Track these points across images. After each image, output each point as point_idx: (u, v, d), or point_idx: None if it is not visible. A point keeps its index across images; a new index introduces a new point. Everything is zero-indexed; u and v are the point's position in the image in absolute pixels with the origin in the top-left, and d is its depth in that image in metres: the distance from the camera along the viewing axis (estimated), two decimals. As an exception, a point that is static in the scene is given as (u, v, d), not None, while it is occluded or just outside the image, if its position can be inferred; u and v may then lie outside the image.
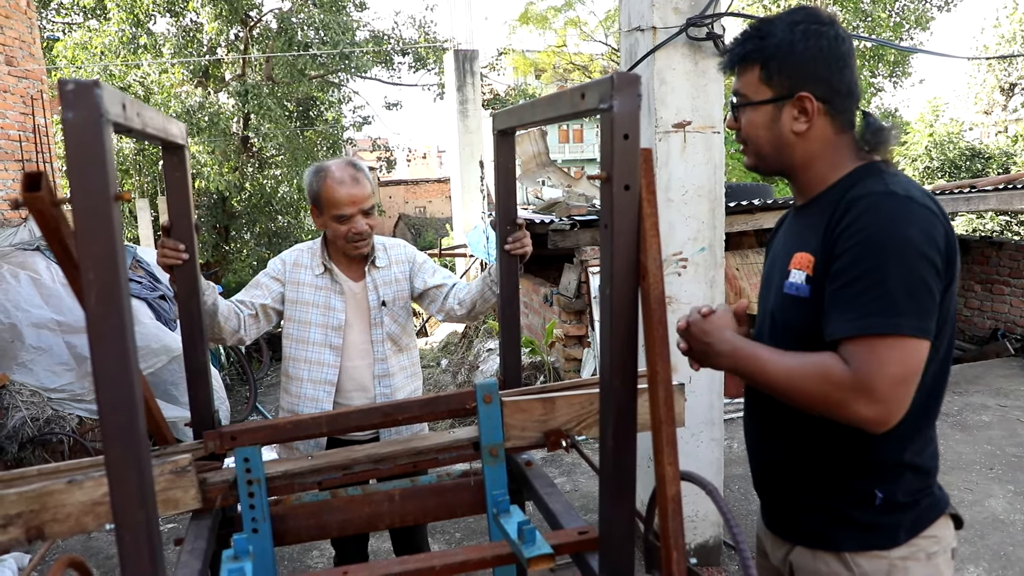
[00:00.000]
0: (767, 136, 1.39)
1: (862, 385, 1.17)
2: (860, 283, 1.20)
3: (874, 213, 1.22)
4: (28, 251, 5.37)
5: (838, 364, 1.20)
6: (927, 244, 1.20)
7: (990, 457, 4.59)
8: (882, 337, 1.18)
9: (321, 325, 2.37)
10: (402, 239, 2.60)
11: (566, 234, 5.93)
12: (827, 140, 1.37)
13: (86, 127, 0.98)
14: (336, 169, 2.28)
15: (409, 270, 2.50)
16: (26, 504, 1.55)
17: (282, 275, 2.41)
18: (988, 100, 17.76)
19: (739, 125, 1.43)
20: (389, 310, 2.42)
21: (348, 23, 13.32)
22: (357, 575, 1.41)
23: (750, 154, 1.44)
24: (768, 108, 1.37)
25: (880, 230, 1.20)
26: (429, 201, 31.04)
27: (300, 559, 3.64)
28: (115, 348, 1.02)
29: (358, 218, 2.28)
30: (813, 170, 1.39)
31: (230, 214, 13.63)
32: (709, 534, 3.35)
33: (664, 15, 2.89)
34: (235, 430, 1.83)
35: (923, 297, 1.19)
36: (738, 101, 1.41)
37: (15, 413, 4.66)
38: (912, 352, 1.18)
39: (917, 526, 1.34)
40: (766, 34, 1.36)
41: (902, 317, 1.17)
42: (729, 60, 1.43)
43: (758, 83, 1.37)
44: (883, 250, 1.19)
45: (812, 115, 1.34)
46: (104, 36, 12.10)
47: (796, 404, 1.26)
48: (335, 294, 2.38)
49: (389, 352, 2.43)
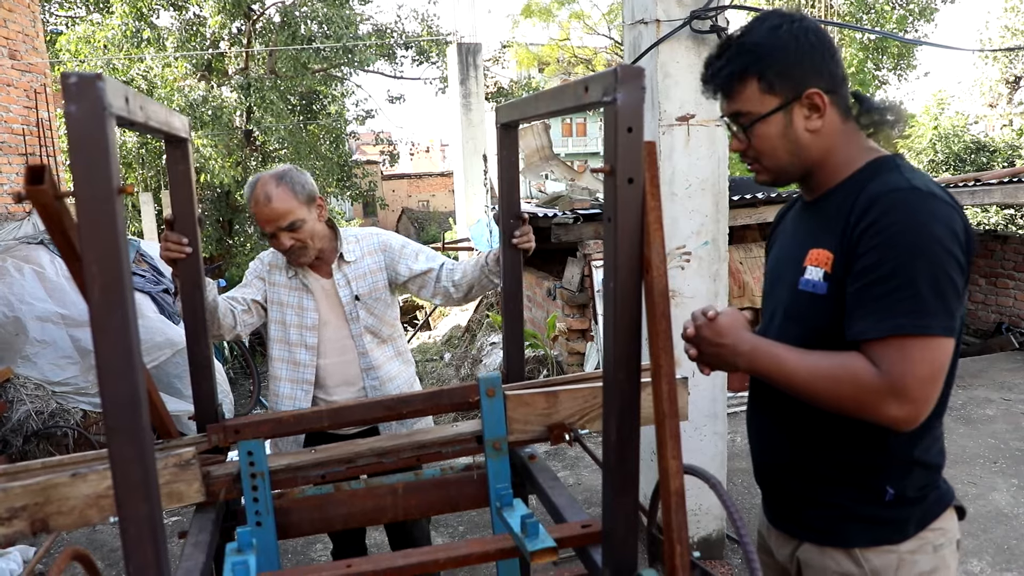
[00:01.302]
0: (783, 145, 1.35)
1: (894, 387, 1.17)
2: (888, 282, 1.19)
3: (900, 210, 1.20)
4: (32, 245, 5.38)
5: (867, 366, 1.19)
6: (952, 240, 1.19)
7: (994, 451, 4.58)
8: (912, 338, 1.17)
9: (296, 325, 2.38)
10: (378, 228, 2.58)
11: (569, 228, 5.92)
12: (839, 130, 1.35)
13: (89, 120, 0.98)
14: (258, 186, 2.24)
15: (384, 259, 2.46)
16: (31, 497, 1.56)
17: (263, 274, 2.43)
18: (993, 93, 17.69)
19: (746, 145, 1.39)
20: (364, 304, 2.41)
21: (351, 17, 13.29)
22: (361, 568, 1.42)
23: (766, 170, 1.40)
24: (778, 117, 1.33)
25: (907, 227, 1.19)
26: (432, 195, 31.04)
27: (304, 552, 3.65)
28: (118, 341, 1.02)
29: (281, 235, 2.25)
30: (828, 164, 1.36)
31: (234, 208, 13.62)
32: (712, 528, 3.36)
33: (668, 8, 2.88)
34: (239, 423, 1.83)
35: (950, 295, 1.19)
36: (744, 121, 1.36)
37: (19, 406, 4.68)
38: (941, 351, 1.18)
39: (925, 519, 1.35)
40: (752, 45, 1.32)
41: (932, 317, 1.17)
42: (719, 83, 1.37)
43: (760, 95, 1.33)
44: (910, 248, 1.18)
45: (824, 109, 1.32)
46: (107, 30, 12.08)
47: (820, 404, 1.25)
48: (306, 294, 2.38)
49: (370, 345, 2.42)
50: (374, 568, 1.43)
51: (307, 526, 1.90)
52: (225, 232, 13.63)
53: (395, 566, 1.44)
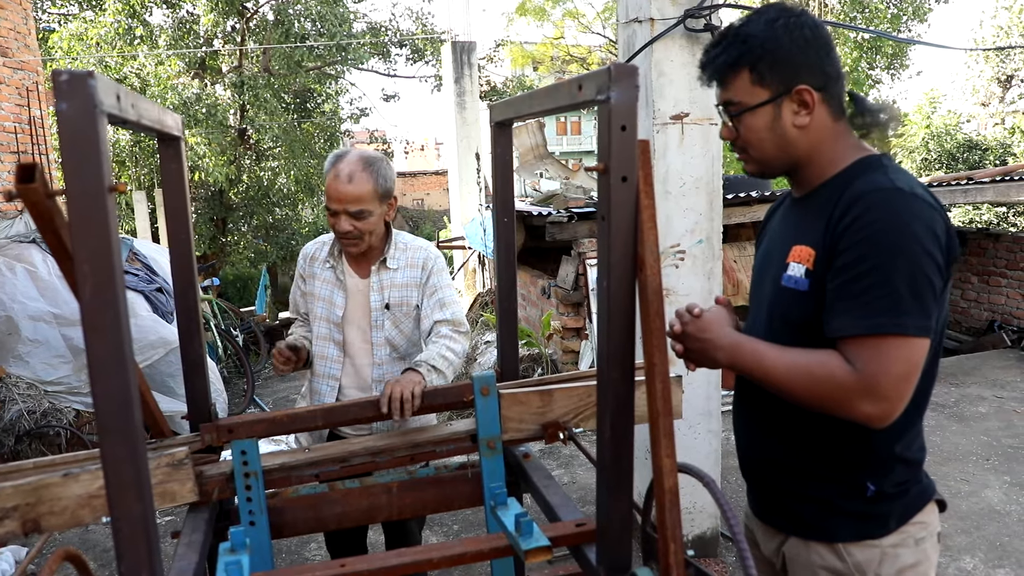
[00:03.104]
0: (770, 138, 1.36)
1: (867, 385, 1.19)
2: (865, 280, 1.20)
3: (880, 209, 1.21)
4: (24, 243, 5.36)
5: (842, 364, 1.21)
6: (932, 241, 1.20)
7: (986, 448, 4.60)
8: (888, 337, 1.19)
9: (324, 319, 2.34)
10: (428, 242, 2.48)
11: (564, 226, 5.92)
12: (828, 128, 1.36)
13: (80, 118, 0.97)
14: (344, 162, 2.19)
15: (419, 278, 2.35)
16: (22, 497, 1.55)
17: (304, 270, 2.41)
18: (985, 92, 17.76)
19: (736, 134, 1.41)
20: (391, 315, 2.32)
21: (345, 15, 13.26)
22: (355, 567, 1.41)
23: (753, 161, 1.42)
24: (767, 109, 1.34)
25: (887, 226, 1.20)
26: (427, 193, 31.00)
27: (298, 551, 3.65)
28: (110, 340, 1.02)
29: (342, 217, 2.20)
30: (815, 161, 1.37)
31: (227, 206, 13.58)
32: (707, 526, 3.36)
33: (662, 6, 2.88)
34: (232, 423, 1.83)
35: (926, 295, 1.20)
36: (733, 110, 1.38)
37: (12, 406, 4.66)
38: (916, 351, 1.20)
39: (906, 514, 1.37)
40: (747, 36, 1.33)
41: (907, 316, 1.18)
42: (713, 70, 1.39)
43: (750, 87, 1.34)
44: (890, 247, 1.19)
45: (812, 106, 1.33)
46: (100, 27, 12.02)
47: (796, 400, 1.27)
48: (338, 288, 2.33)
49: (387, 357, 2.34)
50: (368, 567, 1.43)
51: (301, 525, 1.90)
52: (219, 231, 13.59)
53: (389, 565, 1.44)
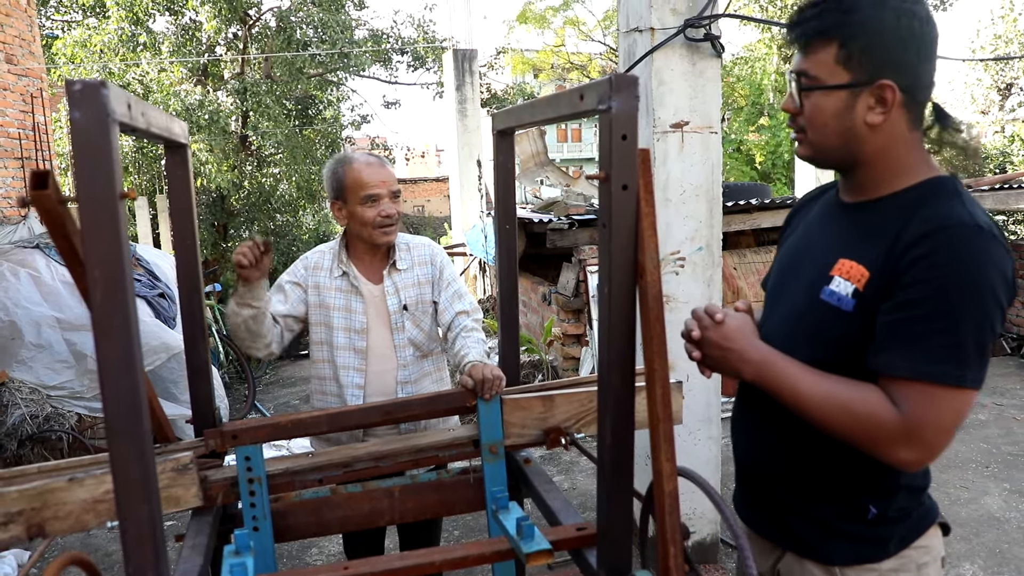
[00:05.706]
0: (836, 126, 1.23)
1: (910, 430, 1.13)
2: (932, 323, 1.12)
3: (959, 250, 1.11)
4: (28, 249, 5.37)
5: (886, 405, 1.14)
6: (1004, 290, 1.13)
7: (986, 455, 4.61)
8: (943, 387, 1.12)
9: (344, 328, 2.31)
10: (426, 237, 2.50)
11: (564, 233, 5.94)
12: (900, 136, 1.23)
13: (93, 127, 0.99)
14: (358, 155, 2.28)
15: (432, 274, 2.39)
16: (27, 502, 1.57)
17: (304, 280, 2.35)
18: (985, 100, 17.78)
19: (799, 110, 1.26)
20: (411, 314, 2.34)
21: (347, 22, 13.29)
22: (358, 570, 1.43)
23: (808, 143, 1.28)
24: (842, 94, 1.20)
25: (964, 272, 1.11)
26: (428, 200, 31.00)
27: (300, 556, 3.65)
28: (120, 344, 1.04)
29: (383, 200, 2.22)
30: (879, 168, 1.25)
31: (229, 212, 13.58)
32: (707, 531, 3.37)
33: (662, 16, 2.91)
34: (236, 428, 1.84)
35: (988, 347, 1.14)
36: (805, 83, 1.23)
37: (15, 410, 4.67)
38: (967, 403, 1.13)
39: (907, 537, 1.31)
40: (850, 7, 1.18)
41: (969, 370, 1.12)
42: (801, 32, 1.23)
43: (833, 64, 1.20)
44: (964, 294, 1.11)
45: (891, 106, 1.19)
46: (103, 34, 12.06)
47: (825, 429, 1.20)
48: (355, 296, 2.32)
49: (411, 358, 2.35)
50: (371, 570, 1.44)
51: (304, 529, 1.91)
52: (220, 236, 13.60)
53: (392, 568, 1.46)
